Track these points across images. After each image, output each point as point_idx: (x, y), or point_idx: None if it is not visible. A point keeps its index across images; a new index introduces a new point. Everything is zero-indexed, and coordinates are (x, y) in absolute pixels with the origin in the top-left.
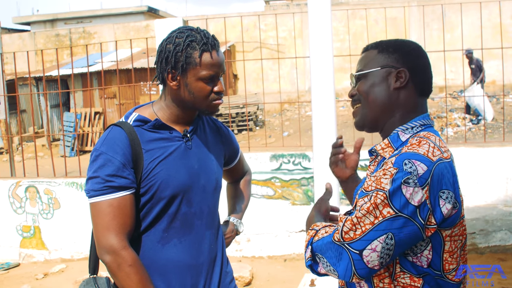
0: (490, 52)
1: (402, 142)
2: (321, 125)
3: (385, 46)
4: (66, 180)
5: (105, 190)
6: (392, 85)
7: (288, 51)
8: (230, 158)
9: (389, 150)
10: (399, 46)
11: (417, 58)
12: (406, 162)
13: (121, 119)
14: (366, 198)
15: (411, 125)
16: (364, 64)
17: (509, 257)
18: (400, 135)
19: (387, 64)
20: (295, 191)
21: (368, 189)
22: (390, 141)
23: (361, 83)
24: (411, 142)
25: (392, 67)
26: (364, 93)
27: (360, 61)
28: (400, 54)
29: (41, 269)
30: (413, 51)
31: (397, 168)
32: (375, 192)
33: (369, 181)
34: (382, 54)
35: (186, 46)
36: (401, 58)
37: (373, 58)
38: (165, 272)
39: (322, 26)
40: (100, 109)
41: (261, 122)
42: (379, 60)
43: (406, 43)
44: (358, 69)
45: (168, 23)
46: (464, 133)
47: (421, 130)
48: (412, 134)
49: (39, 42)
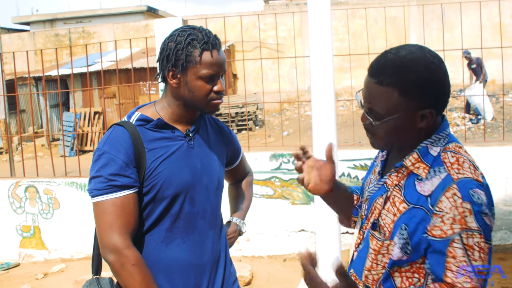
0: (490, 52)
1: (434, 157)
2: (320, 124)
3: (409, 86)
4: (65, 180)
5: (108, 189)
6: (417, 124)
7: (288, 50)
8: (232, 159)
9: (421, 166)
10: (425, 84)
11: (443, 91)
12: (472, 193)
13: (123, 119)
14: (455, 244)
15: (439, 136)
16: (380, 105)
17: (509, 257)
18: (430, 149)
19: (412, 108)
20: (295, 191)
21: (448, 234)
22: (420, 155)
23: (380, 126)
24: (449, 160)
25: (417, 109)
26: (387, 136)
27: (373, 97)
28: (426, 94)
29: (41, 269)
30: (439, 84)
31: (469, 202)
32: (464, 233)
33: (440, 223)
34: (405, 97)
35: (187, 44)
36: (426, 98)
37: (394, 102)
38: (168, 271)
39: (322, 25)
40: (100, 109)
41: (260, 122)
42: (402, 104)
43: (431, 72)
44: (372, 107)
45: (167, 23)
46: (464, 133)
47: (448, 142)
48: (441, 147)
49: (38, 42)
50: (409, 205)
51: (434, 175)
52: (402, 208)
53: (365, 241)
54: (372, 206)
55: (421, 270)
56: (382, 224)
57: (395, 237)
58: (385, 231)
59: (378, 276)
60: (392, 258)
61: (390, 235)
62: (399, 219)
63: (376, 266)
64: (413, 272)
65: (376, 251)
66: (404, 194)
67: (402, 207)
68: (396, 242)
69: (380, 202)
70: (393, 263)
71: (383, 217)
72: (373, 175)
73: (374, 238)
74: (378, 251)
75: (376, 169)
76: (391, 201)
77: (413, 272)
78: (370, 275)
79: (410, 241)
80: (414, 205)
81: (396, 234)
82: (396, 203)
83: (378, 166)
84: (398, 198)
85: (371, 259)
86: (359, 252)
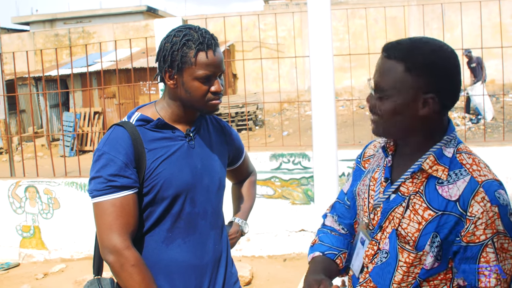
0: (490, 52)
1: (450, 159)
2: (320, 124)
3: (415, 63)
4: (65, 180)
5: (107, 190)
6: (419, 110)
7: (288, 50)
8: (234, 159)
9: (439, 169)
10: (431, 65)
11: (450, 78)
12: (498, 195)
13: (123, 119)
14: (488, 249)
15: (450, 137)
16: (386, 80)
17: None
18: (444, 151)
19: (415, 87)
20: (295, 191)
21: (481, 239)
22: (436, 157)
23: (383, 102)
24: (467, 162)
25: (419, 91)
26: (388, 115)
27: (380, 71)
28: (432, 76)
29: (41, 269)
30: (444, 70)
31: (497, 205)
32: (495, 237)
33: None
34: (410, 74)
35: (182, 45)
36: (432, 81)
37: (399, 77)
38: (169, 272)
39: (322, 25)
40: (100, 109)
41: (260, 122)
42: (406, 81)
43: (440, 59)
44: (379, 84)
45: (167, 23)
46: (464, 133)
47: (457, 143)
48: (454, 148)
49: (38, 42)
50: (437, 212)
51: (457, 178)
52: (428, 215)
53: (390, 254)
54: (389, 215)
55: (447, 275)
56: (404, 234)
57: (427, 245)
58: (409, 241)
59: (407, 287)
60: (425, 268)
61: (415, 244)
62: (425, 227)
63: (407, 278)
64: (440, 279)
65: (409, 264)
66: (428, 201)
67: (428, 214)
68: (429, 251)
69: (401, 211)
70: (425, 273)
71: (404, 226)
72: (372, 182)
73: (405, 251)
74: (411, 263)
75: (376, 176)
76: (412, 209)
77: (441, 280)
78: (400, 287)
79: (442, 247)
80: (443, 211)
81: (427, 242)
82: (419, 211)
83: (378, 172)
84: (420, 205)
85: (403, 272)
86: (382, 265)
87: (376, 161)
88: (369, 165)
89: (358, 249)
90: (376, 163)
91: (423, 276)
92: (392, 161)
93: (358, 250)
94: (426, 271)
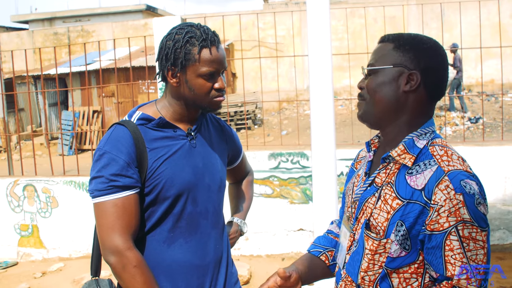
0: (489, 51)
1: (420, 149)
2: (319, 124)
3: (402, 42)
4: (64, 178)
5: (109, 190)
6: (401, 87)
7: (287, 49)
8: (233, 158)
9: (407, 157)
10: (416, 44)
11: (433, 59)
12: (464, 184)
13: (124, 118)
14: (452, 236)
15: (425, 131)
16: (377, 58)
17: (507, 256)
18: (416, 142)
19: (400, 63)
20: (293, 190)
21: (444, 227)
22: (406, 147)
23: (370, 78)
24: (438, 153)
25: (404, 67)
26: (372, 90)
27: (374, 53)
28: (415, 54)
29: (39, 268)
30: (429, 50)
31: (462, 193)
32: (460, 225)
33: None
34: (397, 51)
35: (185, 42)
36: (415, 58)
37: (387, 53)
38: (171, 272)
39: (321, 24)
40: (99, 107)
41: (259, 121)
42: (393, 57)
43: (425, 41)
44: (371, 62)
45: (166, 22)
46: (463, 132)
47: (433, 138)
48: (428, 140)
49: (37, 41)
50: (404, 200)
51: (425, 168)
52: (396, 204)
53: (359, 242)
54: (363, 206)
55: (419, 270)
56: (375, 224)
57: (392, 234)
58: (379, 230)
59: (374, 277)
60: (391, 255)
61: (385, 234)
62: (393, 216)
63: (373, 266)
64: (411, 273)
65: (373, 251)
66: (397, 190)
67: (396, 203)
68: (393, 240)
69: (373, 201)
70: (391, 261)
71: (375, 216)
72: (357, 178)
73: (370, 238)
74: (375, 250)
75: (360, 172)
76: (383, 199)
77: (411, 273)
78: (367, 276)
79: (409, 236)
80: (409, 200)
81: (392, 231)
82: (388, 200)
83: (362, 169)
84: (390, 195)
85: (368, 260)
86: (352, 254)
87: (364, 160)
88: (360, 165)
89: (342, 243)
90: (364, 162)
91: (390, 265)
92: (373, 156)
93: (341, 243)
94: (392, 259)
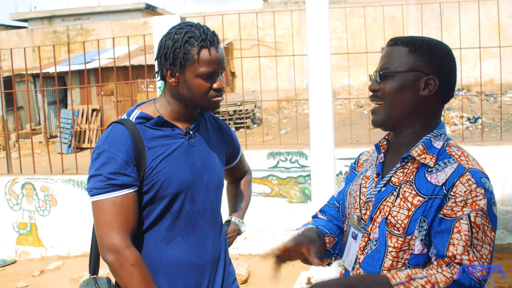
0: (488, 51)
1: (438, 150)
2: (318, 123)
3: (417, 46)
4: (62, 177)
5: (107, 188)
6: (420, 91)
7: (286, 49)
8: (231, 157)
9: (428, 157)
10: (431, 49)
11: (448, 65)
12: (483, 181)
13: (123, 116)
14: (462, 221)
15: (439, 132)
16: (392, 62)
17: (506, 256)
18: (433, 142)
19: (418, 68)
20: (292, 189)
21: (457, 215)
22: (425, 147)
23: (387, 82)
24: (456, 153)
25: (422, 72)
26: (391, 95)
27: (387, 56)
28: (431, 59)
29: (37, 266)
30: (444, 55)
31: (483, 188)
32: (474, 212)
33: (452, 204)
34: (413, 55)
35: (185, 42)
36: (432, 63)
37: (403, 57)
38: (168, 271)
39: (320, 24)
40: (98, 106)
41: (258, 120)
42: (410, 61)
43: (438, 46)
44: (385, 66)
45: (165, 20)
46: (462, 132)
47: (448, 139)
48: (444, 141)
49: (36, 39)
50: (425, 197)
51: (445, 166)
52: (417, 201)
53: (379, 241)
54: (379, 205)
55: None
56: (393, 222)
57: (415, 230)
58: (398, 228)
59: None
60: (414, 252)
61: (405, 231)
62: (415, 213)
63: (396, 264)
64: None
65: (398, 248)
66: (417, 188)
67: (417, 200)
68: (417, 236)
69: (392, 200)
70: (414, 258)
71: (394, 214)
72: (364, 180)
73: (393, 236)
74: (400, 247)
75: (368, 174)
76: (402, 197)
77: None
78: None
79: (430, 231)
80: (430, 196)
81: (415, 227)
82: (408, 198)
83: (370, 170)
84: (409, 193)
85: (392, 257)
86: (371, 253)
87: (369, 163)
88: (362, 168)
89: (350, 244)
90: (369, 164)
91: (413, 262)
92: (384, 158)
93: (349, 245)
94: (414, 256)
